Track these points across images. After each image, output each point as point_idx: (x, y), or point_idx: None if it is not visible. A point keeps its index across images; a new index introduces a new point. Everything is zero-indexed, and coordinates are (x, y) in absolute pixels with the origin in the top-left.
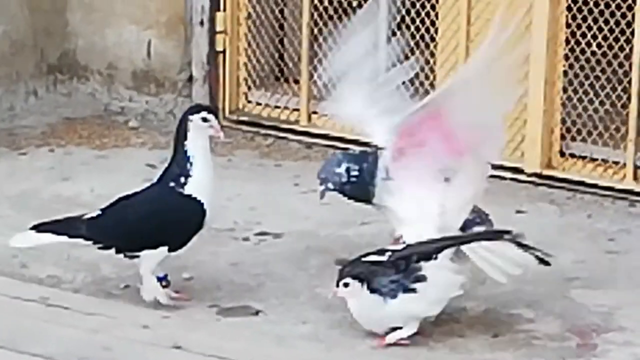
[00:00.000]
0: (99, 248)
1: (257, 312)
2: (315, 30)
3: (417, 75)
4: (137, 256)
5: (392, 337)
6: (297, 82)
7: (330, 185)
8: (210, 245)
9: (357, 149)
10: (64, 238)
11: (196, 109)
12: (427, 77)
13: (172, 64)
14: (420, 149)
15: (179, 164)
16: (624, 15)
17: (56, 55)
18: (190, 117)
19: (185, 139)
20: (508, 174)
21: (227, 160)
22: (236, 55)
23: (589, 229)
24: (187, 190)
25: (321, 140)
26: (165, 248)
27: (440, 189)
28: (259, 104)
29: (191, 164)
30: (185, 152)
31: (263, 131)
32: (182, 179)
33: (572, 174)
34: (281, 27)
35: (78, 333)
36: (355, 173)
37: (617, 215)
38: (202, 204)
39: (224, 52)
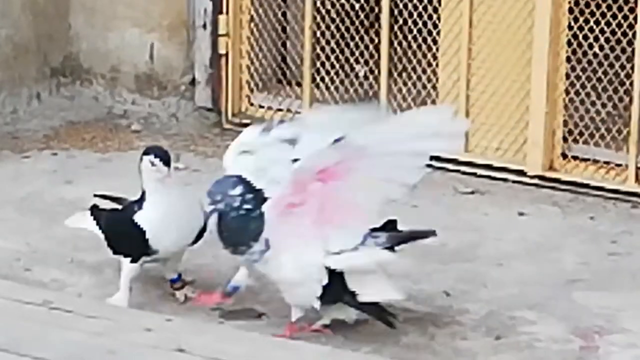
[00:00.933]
0: None
1: (260, 315)
2: (318, 33)
3: (419, 78)
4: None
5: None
6: (299, 84)
7: (221, 207)
8: (213, 248)
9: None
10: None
11: (148, 150)
12: (429, 80)
13: (175, 67)
14: (302, 207)
15: (142, 194)
16: (625, 17)
17: (59, 59)
18: (142, 156)
19: (142, 177)
20: (510, 176)
21: None
22: (239, 58)
23: (592, 231)
24: (137, 218)
25: None
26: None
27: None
28: (261, 106)
29: (144, 199)
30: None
31: None
32: (136, 207)
33: (574, 176)
34: (284, 29)
35: (81, 336)
36: (249, 206)
37: (620, 217)
38: (144, 233)
39: (226, 55)
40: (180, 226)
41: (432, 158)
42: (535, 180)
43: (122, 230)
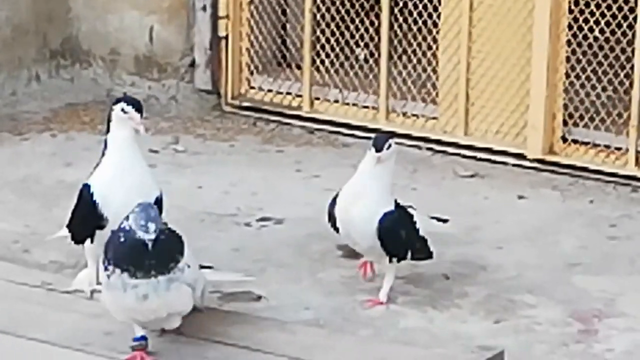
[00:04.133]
0: None
1: (259, 298)
2: (318, 16)
3: (419, 61)
4: None
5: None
6: (299, 67)
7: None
8: (212, 230)
9: None
10: None
11: (119, 99)
12: (429, 63)
13: (175, 50)
14: None
15: (101, 155)
16: (626, 1)
17: (58, 41)
18: (113, 106)
19: (109, 129)
20: (510, 160)
21: (229, 145)
22: (239, 41)
23: (591, 215)
24: (90, 179)
25: (324, 126)
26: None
27: None
28: (261, 89)
29: (104, 154)
30: (106, 141)
31: (265, 117)
32: (94, 169)
33: (574, 160)
34: (284, 12)
35: (80, 318)
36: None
37: (619, 201)
38: (90, 191)
39: (226, 37)
40: (129, 190)
41: (432, 141)
42: (535, 164)
43: (78, 196)
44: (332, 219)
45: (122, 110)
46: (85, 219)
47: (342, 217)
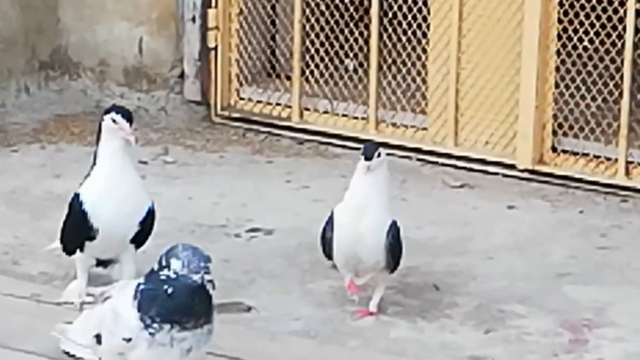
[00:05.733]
0: None
1: (249, 309)
2: (307, 27)
3: (409, 72)
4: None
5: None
6: (289, 78)
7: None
8: (202, 241)
9: None
10: None
11: (109, 109)
12: (418, 73)
13: (164, 61)
14: None
15: (91, 166)
16: (615, 11)
17: (47, 52)
18: (103, 116)
19: (99, 139)
20: (500, 170)
21: (219, 156)
22: (228, 52)
23: (581, 225)
24: (80, 189)
25: (313, 136)
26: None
27: None
28: (250, 100)
29: (95, 164)
30: (96, 152)
31: (255, 127)
32: (84, 180)
33: (564, 169)
34: (273, 23)
35: None
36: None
37: (609, 211)
38: (80, 200)
39: (215, 48)
40: (120, 201)
41: (422, 151)
42: (525, 174)
43: (68, 207)
44: (327, 244)
45: (113, 120)
46: (75, 229)
47: (349, 235)
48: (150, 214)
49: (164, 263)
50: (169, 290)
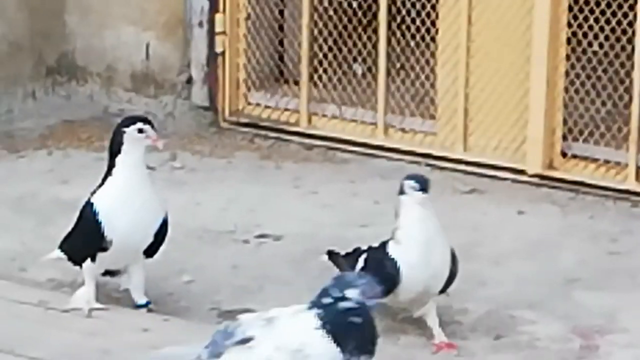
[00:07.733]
0: None
1: None
2: (315, 31)
3: (417, 77)
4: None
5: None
6: (297, 83)
7: None
8: (210, 247)
9: None
10: None
11: (131, 120)
12: (427, 78)
13: (171, 66)
14: None
15: (105, 176)
16: (625, 15)
17: (54, 58)
18: (125, 129)
19: (120, 151)
20: (510, 175)
21: (226, 162)
22: (236, 57)
23: (591, 230)
24: (94, 198)
25: (321, 142)
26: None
27: None
28: (258, 105)
29: (109, 174)
30: (111, 161)
31: (263, 133)
32: (96, 188)
33: (574, 174)
34: (281, 28)
35: (77, 336)
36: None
37: (619, 216)
38: (93, 209)
39: (223, 53)
40: (136, 212)
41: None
42: (535, 179)
43: (80, 215)
44: (393, 286)
45: (139, 130)
46: (87, 239)
47: (424, 272)
48: (164, 225)
49: (337, 294)
50: (354, 321)
